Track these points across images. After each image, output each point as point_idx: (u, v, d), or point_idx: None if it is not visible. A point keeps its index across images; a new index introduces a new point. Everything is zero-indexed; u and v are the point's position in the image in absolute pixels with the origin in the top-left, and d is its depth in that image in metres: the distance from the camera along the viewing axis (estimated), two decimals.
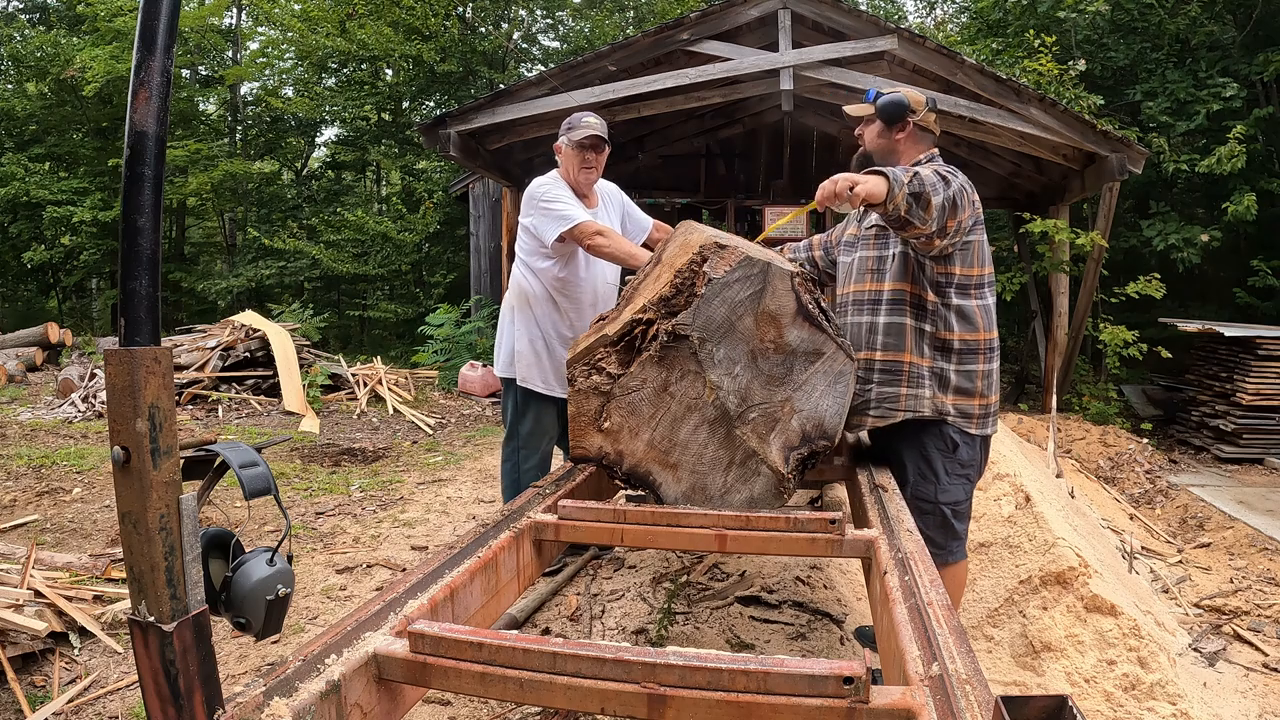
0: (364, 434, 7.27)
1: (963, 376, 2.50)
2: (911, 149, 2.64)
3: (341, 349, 13.17)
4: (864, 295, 2.61)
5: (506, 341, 3.48)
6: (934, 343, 2.48)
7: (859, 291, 2.64)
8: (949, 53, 7.19)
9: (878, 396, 2.54)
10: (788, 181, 10.94)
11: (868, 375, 2.55)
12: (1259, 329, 7.48)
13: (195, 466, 1.16)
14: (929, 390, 2.49)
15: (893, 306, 2.52)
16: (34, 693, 2.65)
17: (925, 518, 2.51)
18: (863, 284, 2.62)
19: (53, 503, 4.75)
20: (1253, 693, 3.15)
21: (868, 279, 2.60)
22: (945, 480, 2.52)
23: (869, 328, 2.57)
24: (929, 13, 17.38)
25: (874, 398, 2.54)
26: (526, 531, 1.93)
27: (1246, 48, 9.85)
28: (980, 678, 1.18)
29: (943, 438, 2.51)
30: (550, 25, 17.36)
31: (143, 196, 1.01)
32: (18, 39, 15.39)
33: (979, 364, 2.52)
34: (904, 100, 2.59)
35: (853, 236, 2.76)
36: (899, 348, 2.49)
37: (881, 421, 2.53)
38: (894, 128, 2.61)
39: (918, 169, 2.28)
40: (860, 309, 2.62)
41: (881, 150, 2.66)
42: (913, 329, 2.49)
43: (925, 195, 2.18)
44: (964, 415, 2.51)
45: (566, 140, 3.31)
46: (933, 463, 2.52)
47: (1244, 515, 5.27)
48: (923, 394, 2.50)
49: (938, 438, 2.51)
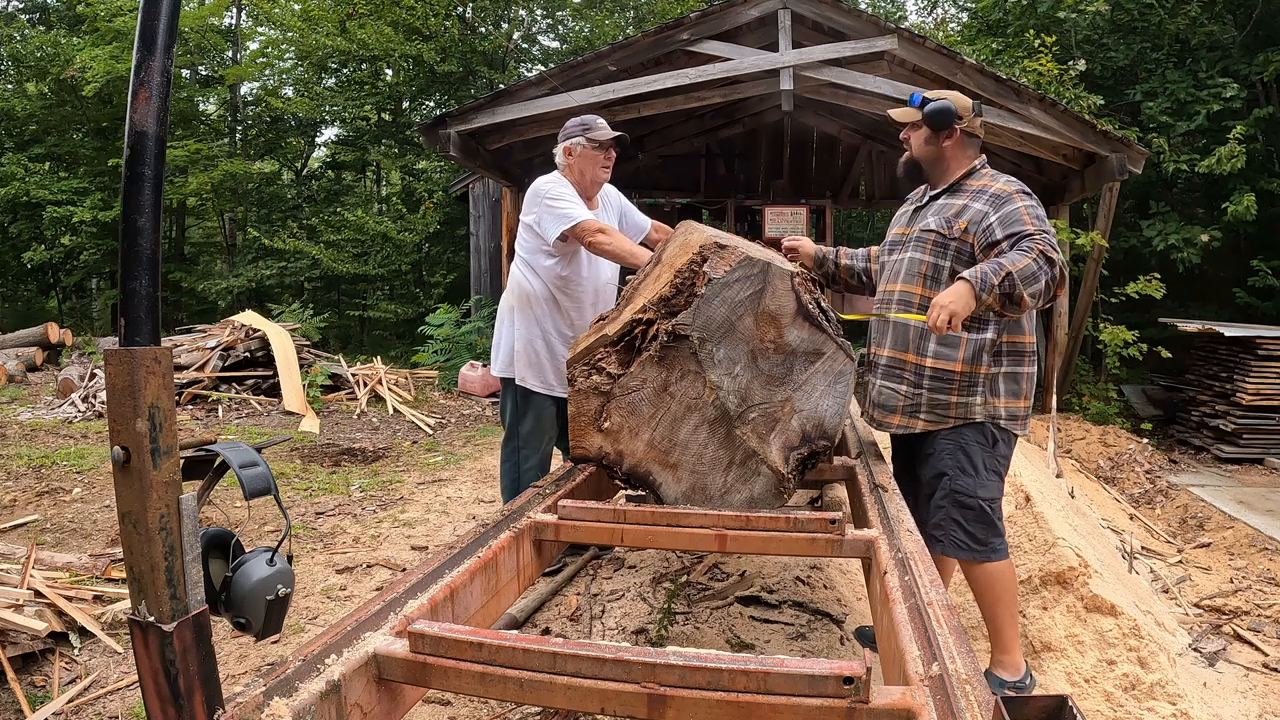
0: (364, 434, 7.27)
1: (1010, 380, 2.52)
2: (959, 155, 2.63)
3: (341, 349, 13.17)
4: (912, 298, 2.58)
5: (505, 341, 3.48)
6: (987, 348, 2.48)
7: (908, 293, 2.60)
8: (949, 53, 7.19)
9: (929, 402, 2.54)
10: (788, 181, 10.94)
11: (916, 379, 2.56)
12: (1259, 329, 7.47)
13: (195, 466, 1.16)
14: (980, 397, 2.50)
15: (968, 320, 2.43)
16: (34, 693, 2.65)
17: (965, 512, 2.52)
18: (913, 286, 2.58)
19: (53, 503, 4.75)
20: (1253, 693, 3.15)
21: (919, 283, 2.57)
22: (984, 474, 2.52)
23: (920, 333, 2.55)
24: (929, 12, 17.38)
25: (924, 402, 2.55)
26: (526, 531, 1.93)
27: (1246, 48, 9.85)
28: (980, 678, 1.18)
29: (983, 432, 2.52)
30: (550, 25, 17.36)
31: (143, 196, 1.01)
32: (18, 39, 15.39)
33: (1024, 367, 2.54)
34: (952, 107, 2.57)
35: (901, 235, 2.72)
36: (952, 357, 2.50)
37: (932, 426, 2.55)
38: (941, 134, 2.59)
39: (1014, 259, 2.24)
40: (901, 309, 2.60)
41: (929, 158, 2.65)
42: (967, 339, 2.48)
43: (1018, 294, 2.21)
44: (1011, 417, 2.54)
45: (584, 140, 3.30)
46: (973, 457, 2.52)
47: (1244, 515, 5.27)
48: (974, 401, 2.51)
49: (978, 431, 2.52)
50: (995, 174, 2.57)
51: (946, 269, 2.52)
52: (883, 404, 2.67)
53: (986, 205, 2.46)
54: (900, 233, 2.73)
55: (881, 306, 2.70)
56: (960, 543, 2.54)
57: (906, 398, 2.58)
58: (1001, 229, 2.38)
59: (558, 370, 3.32)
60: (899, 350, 2.61)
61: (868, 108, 7.63)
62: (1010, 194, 2.44)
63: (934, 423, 2.55)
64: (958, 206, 2.53)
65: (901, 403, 2.60)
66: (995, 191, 2.48)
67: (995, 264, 2.25)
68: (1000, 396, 2.52)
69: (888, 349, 2.66)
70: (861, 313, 2.79)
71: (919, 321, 2.50)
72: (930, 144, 2.63)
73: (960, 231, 2.49)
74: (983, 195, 2.50)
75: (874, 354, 2.73)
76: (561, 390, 3.30)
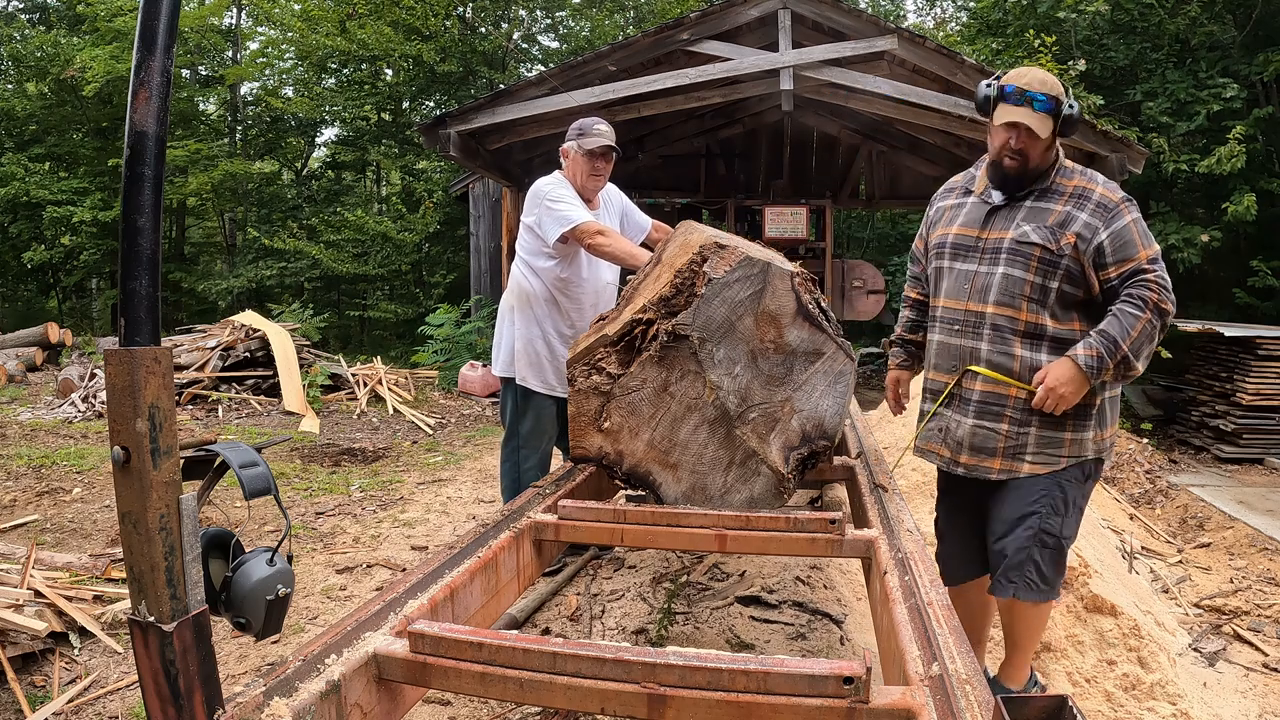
0: (364, 434, 7.27)
1: (1110, 405, 2.30)
2: None
3: (341, 349, 13.16)
4: (1015, 325, 2.22)
5: (506, 341, 3.48)
6: None
7: (1009, 318, 2.22)
8: (949, 53, 7.19)
9: (1037, 441, 2.22)
10: (788, 181, 10.94)
11: (1022, 416, 2.21)
12: (1259, 329, 7.47)
13: (195, 466, 1.16)
14: (1093, 431, 2.24)
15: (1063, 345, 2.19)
16: (34, 693, 2.65)
17: (1044, 552, 2.23)
18: (1013, 310, 2.22)
19: (53, 503, 4.75)
20: (1253, 693, 3.15)
21: (1022, 306, 2.21)
22: (1072, 512, 2.26)
23: (1026, 364, 2.21)
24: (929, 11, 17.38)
25: (1031, 442, 2.22)
26: (526, 531, 1.93)
27: (1246, 48, 9.85)
28: (980, 678, 1.18)
29: (1083, 468, 2.27)
30: (550, 25, 17.36)
31: (143, 196, 1.01)
32: (18, 39, 15.39)
33: (1119, 389, 2.33)
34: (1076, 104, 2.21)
35: (974, 240, 2.30)
36: None
37: (1041, 468, 2.23)
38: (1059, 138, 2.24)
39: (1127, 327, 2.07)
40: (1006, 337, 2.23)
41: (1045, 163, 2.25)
42: None
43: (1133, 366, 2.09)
44: (1109, 446, 2.31)
45: (577, 146, 3.31)
46: (1068, 494, 2.25)
47: (1244, 515, 5.27)
48: (1087, 437, 2.24)
49: (1079, 467, 2.26)
50: (1084, 170, 2.27)
51: (1054, 290, 2.19)
52: (979, 446, 2.28)
53: (1094, 217, 2.16)
54: (973, 235, 2.31)
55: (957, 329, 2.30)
56: (1033, 583, 2.24)
57: (1009, 437, 2.23)
58: (1113, 253, 2.13)
59: (558, 370, 3.32)
60: (997, 385, 2.24)
61: (868, 108, 7.62)
62: (1117, 205, 2.16)
63: (1043, 465, 2.22)
64: (1059, 214, 2.19)
65: (1002, 444, 2.24)
66: (1100, 199, 2.18)
67: (1108, 340, 2.07)
68: (1105, 426, 2.27)
69: (980, 380, 2.27)
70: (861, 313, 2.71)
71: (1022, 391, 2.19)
72: (1050, 149, 2.23)
73: (1070, 247, 2.16)
74: (1086, 202, 2.19)
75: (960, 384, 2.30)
76: (562, 390, 3.30)
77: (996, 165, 2.27)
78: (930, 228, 2.50)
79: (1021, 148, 2.18)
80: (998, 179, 2.29)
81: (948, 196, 2.48)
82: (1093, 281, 2.19)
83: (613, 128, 3.39)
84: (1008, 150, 2.20)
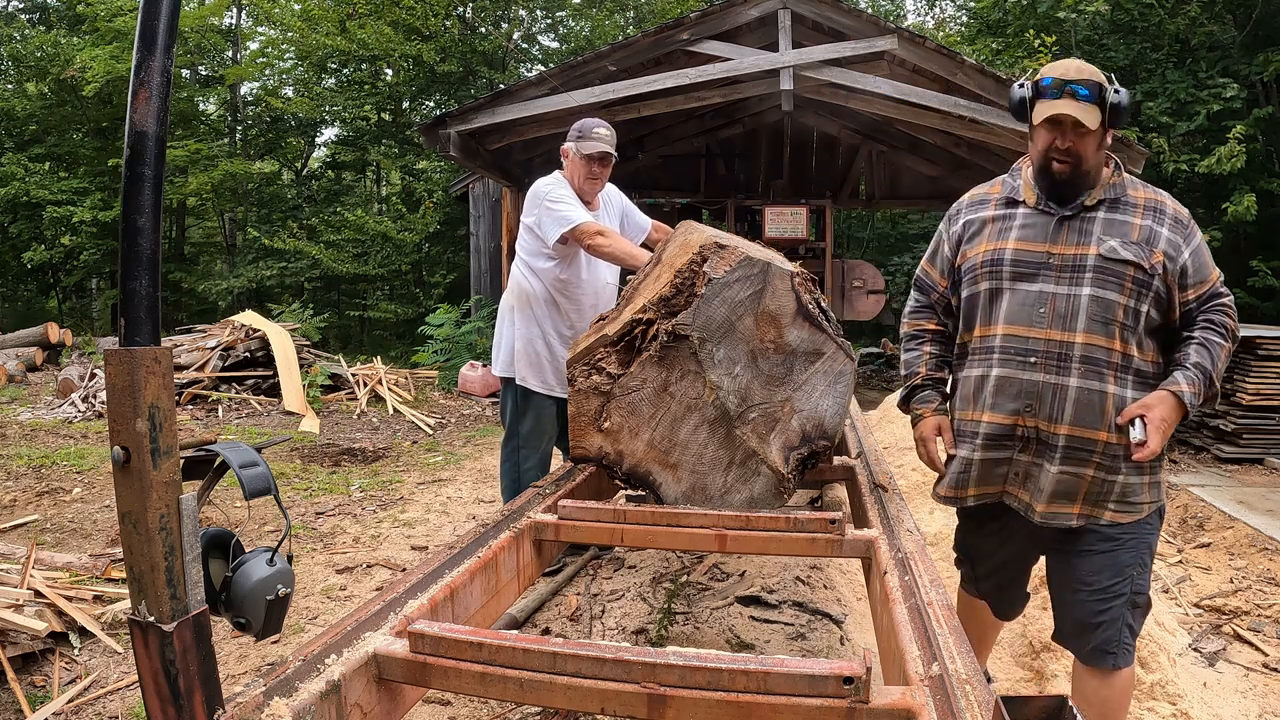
0: (364, 434, 7.27)
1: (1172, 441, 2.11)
2: None
3: (341, 349, 13.17)
4: (1111, 356, 1.94)
5: (506, 341, 3.48)
6: None
7: (1103, 349, 1.94)
8: (949, 53, 7.19)
9: (1123, 488, 1.98)
10: (788, 181, 10.95)
11: (1110, 462, 1.95)
12: (1259, 329, 7.47)
13: (195, 466, 1.16)
14: (1163, 474, 2.06)
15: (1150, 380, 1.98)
16: (34, 693, 2.65)
17: (1135, 613, 2.02)
18: (1107, 339, 1.94)
19: (53, 503, 4.75)
20: (1253, 693, 3.14)
21: (1115, 334, 1.93)
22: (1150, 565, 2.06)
23: (1117, 402, 1.94)
24: (929, 11, 17.39)
25: (1117, 489, 1.97)
26: (526, 531, 1.93)
27: (1246, 48, 9.85)
28: (980, 678, 1.18)
29: (1160, 513, 2.06)
30: (550, 25, 17.36)
31: (143, 196, 1.01)
32: (18, 39, 15.40)
33: None
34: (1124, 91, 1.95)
35: (1044, 254, 1.99)
36: None
37: (1124, 517, 1.99)
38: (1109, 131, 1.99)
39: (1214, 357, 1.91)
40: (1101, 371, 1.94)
41: (1098, 163, 1.99)
42: None
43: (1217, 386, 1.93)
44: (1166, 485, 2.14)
45: (575, 149, 3.32)
46: (1153, 547, 2.05)
47: (1244, 515, 5.26)
48: (1160, 480, 2.03)
49: (1159, 516, 2.06)
50: (1144, 182, 2.07)
51: (1145, 315, 1.94)
52: (1063, 493, 1.99)
53: (1174, 233, 1.95)
54: (1041, 251, 1.99)
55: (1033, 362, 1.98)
56: (1129, 648, 2.02)
57: (1093, 483, 1.97)
58: (1194, 273, 1.95)
59: (558, 370, 3.33)
60: (1088, 428, 1.94)
61: (868, 108, 7.62)
62: (1189, 221, 1.98)
63: (1124, 513, 1.99)
64: (1139, 228, 1.95)
65: (1085, 489, 1.98)
66: (1175, 214, 1.97)
67: (1204, 374, 1.90)
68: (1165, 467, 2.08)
69: (1067, 424, 1.96)
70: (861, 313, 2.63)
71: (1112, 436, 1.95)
72: (1102, 146, 1.97)
73: (1160, 267, 1.92)
74: (1162, 215, 1.97)
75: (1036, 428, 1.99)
76: (561, 390, 3.30)
77: (1044, 171, 1.98)
78: (962, 245, 2.15)
79: (1070, 146, 1.91)
80: (1046, 186, 2.00)
81: (982, 209, 2.14)
82: (1175, 304, 1.97)
83: (613, 130, 3.39)
84: (1055, 152, 1.93)
